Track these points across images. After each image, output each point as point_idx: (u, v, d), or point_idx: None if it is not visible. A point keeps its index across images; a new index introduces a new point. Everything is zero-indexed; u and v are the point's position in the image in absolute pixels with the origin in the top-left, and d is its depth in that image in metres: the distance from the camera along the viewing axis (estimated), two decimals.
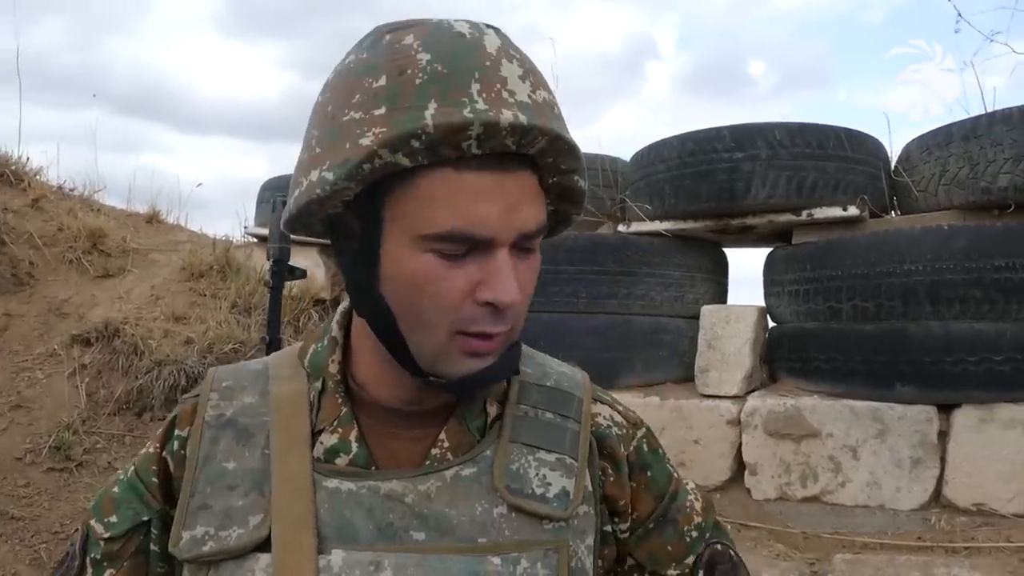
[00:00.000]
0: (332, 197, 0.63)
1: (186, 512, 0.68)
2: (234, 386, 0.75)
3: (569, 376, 0.79)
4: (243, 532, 0.66)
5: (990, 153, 2.84)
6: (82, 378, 3.75)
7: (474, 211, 0.61)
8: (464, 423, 0.72)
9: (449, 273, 0.62)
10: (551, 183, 0.67)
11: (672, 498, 0.79)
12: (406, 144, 0.59)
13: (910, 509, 2.88)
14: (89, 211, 4.80)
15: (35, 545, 3.10)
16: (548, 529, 0.69)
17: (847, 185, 3.19)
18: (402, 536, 0.67)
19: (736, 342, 3.29)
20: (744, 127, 3.24)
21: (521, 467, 0.70)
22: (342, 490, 0.68)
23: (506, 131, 0.60)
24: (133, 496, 0.73)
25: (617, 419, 0.79)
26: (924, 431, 2.87)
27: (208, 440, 0.71)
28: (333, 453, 0.70)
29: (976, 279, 2.75)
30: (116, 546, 0.73)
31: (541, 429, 0.73)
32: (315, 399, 0.72)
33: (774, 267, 3.43)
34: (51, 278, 4.27)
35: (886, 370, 2.89)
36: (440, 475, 0.69)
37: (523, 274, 0.65)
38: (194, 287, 4.34)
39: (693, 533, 0.79)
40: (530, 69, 0.64)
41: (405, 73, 0.61)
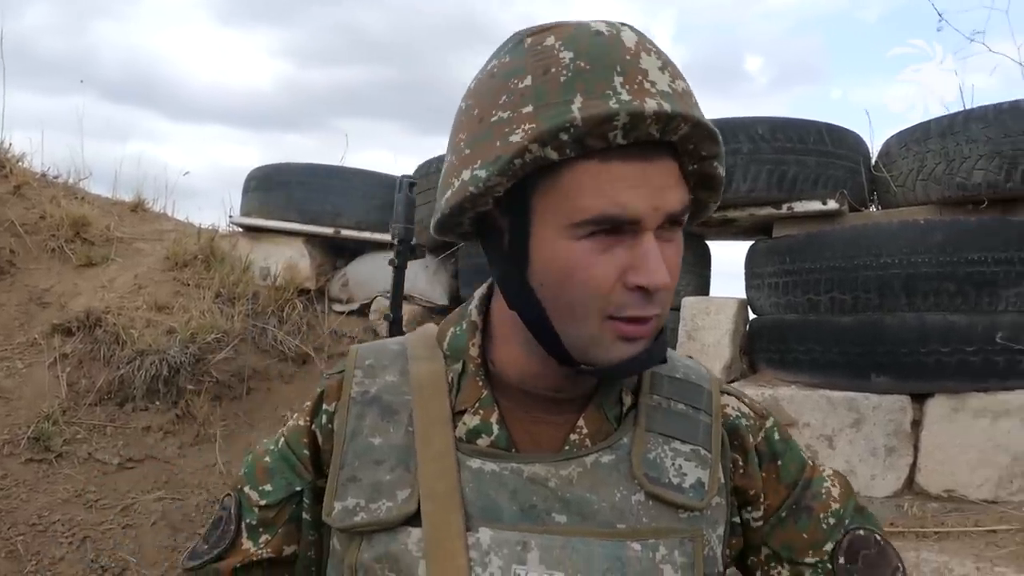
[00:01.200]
0: (485, 194, 0.66)
1: (337, 483, 0.72)
2: (376, 364, 0.78)
3: (695, 369, 0.81)
4: (392, 505, 0.69)
5: (966, 150, 2.90)
6: (63, 368, 3.74)
7: (621, 196, 0.63)
8: (602, 411, 0.74)
9: (599, 259, 0.64)
10: (692, 170, 0.68)
11: (806, 485, 0.79)
12: (555, 138, 0.62)
13: (884, 496, 2.95)
14: (73, 199, 4.78)
15: (12, 538, 3.08)
16: (684, 518, 0.70)
17: (827, 179, 3.25)
18: (544, 518, 0.68)
19: (716, 333, 3.34)
20: (727, 121, 3.29)
21: (658, 456, 0.72)
22: (485, 470, 0.70)
23: (651, 119, 0.62)
24: (286, 467, 0.77)
25: (745, 410, 0.80)
26: (898, 420, 2.93)
27: (355, 415, 0.74)
28: (475, 434, 0.72)
29: (950, 272, 2.81)
30: (271, 513, 0.76)
31: (675, 420, 0.75)
32: (454, 381, 0.75)
33: (755, 260, 3.48)
34: (32, 266, 4.24)
35: (862, 361, 2.95)
36: (580, 461, 0.71)
37: (671, 257, 0.67)
38: (178, 276, 4.33)
39: (830, 520, 0.78)
40: (667, 61, 0.67)
41: (549, 72, 0.63)
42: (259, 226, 4.62)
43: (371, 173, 4.61)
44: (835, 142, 3.27)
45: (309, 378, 4.06)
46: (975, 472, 2.83)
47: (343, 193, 4.49)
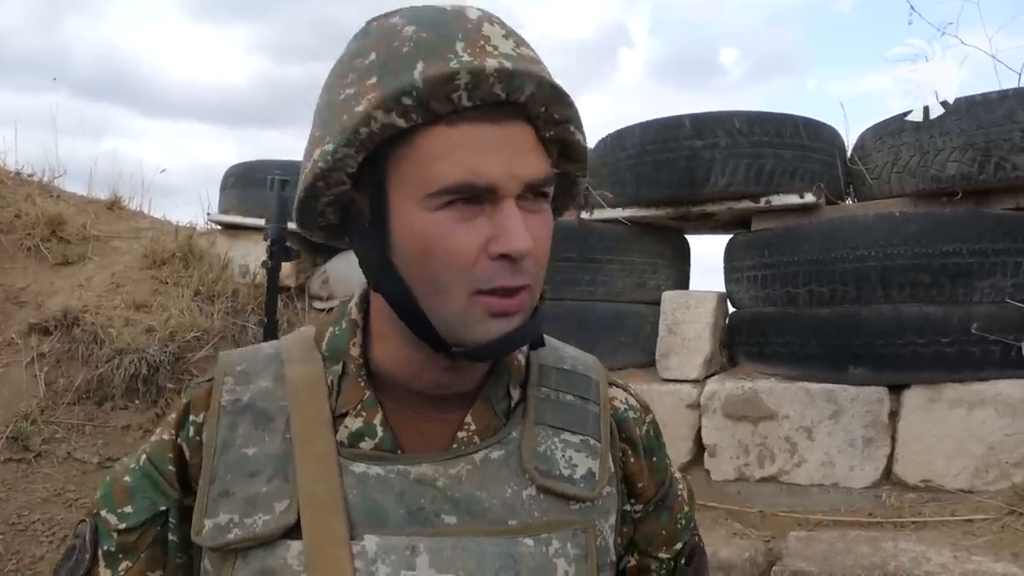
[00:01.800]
0: (335, 168, 0.64)
1: (207, 500, 0.67)
2: (249, 370, 0.73)
3: (582, 359, 0.80)
4: (270, 518, 0.65)
5: (939, 142, 2.93)
6: (41, 367, 3.71)
7: (475, 162, 0.61)
8: (489, 406, 0.72)
9: (459, 229, 0.62)
10: (549, 136, 0.67)
11: (670, 484, 0.82)
12: (398, 103, 0.61)
13: (862, 487, 2.98)
14: (48, 197, 4.73)
15: None
16: (575, 510, 0.70)
17: (804, 173, 3.27)
18: (433, 520, 0.66)
19: (696, 327, 3.36)
20: (704, 115, 3.30)
21: (548, 449, 0.71)
22: (370, 474, 0.67)
23: (493, 77, 0.61)
24: (149, 485, 0.71)
25: (632, 402, 0.80)
26: (876, 411, 2.96)
27: (226, 426, 0.70)
28: (358, 437, 0.69)
29: (925, 264, 2.84)
30: (132, 537, 0.70)
31: (564, 411, 0.74)
32: (334, 383, 0.71)
33: (734, 253, 3.50)
34: (8, 266, 4.20)
35: (840, 353, 2.97)
36: (469, 458, 0.69)
37: (537, 228, 0.65)
38: (156, 275, 4.30)
39: (683, 521, 0.82)
40: (512, 32, 0.66)
41: (392, 45, 0.63)
42: (238, 223, 4.59)
43: None
44: (811, 135, 3.29)
45: None
46: (952, 462, 2.86)
47: None
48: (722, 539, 2.77)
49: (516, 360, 0.76)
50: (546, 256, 0.67)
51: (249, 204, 4.55)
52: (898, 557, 2.46)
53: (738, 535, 2.84)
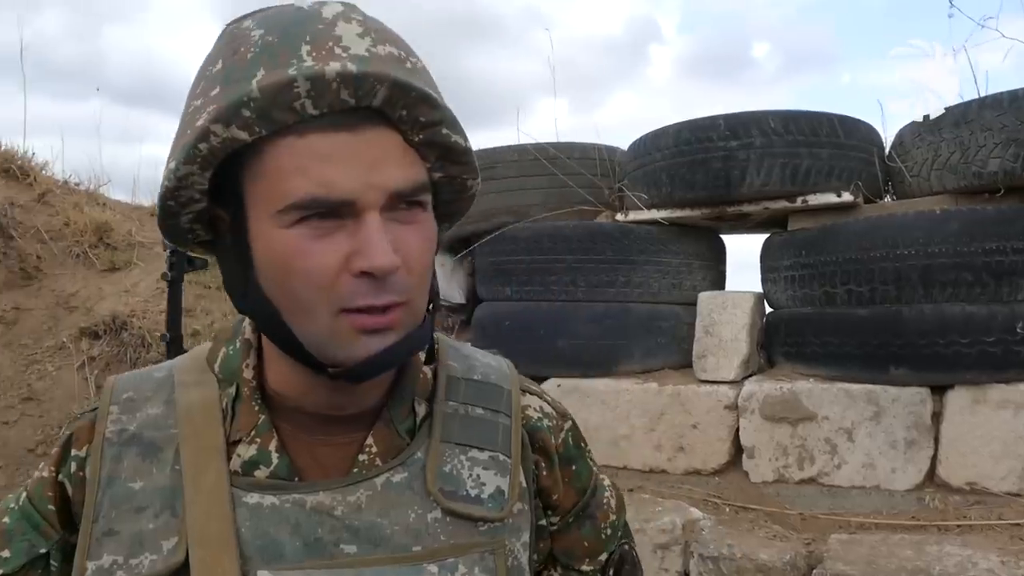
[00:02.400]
0: (181, 187, 0.61)
1: (90, 539, 0.63)
2: (136, 397, 0.69)
3: (496, 368, 0.76)
4: (156, 558, 0.62)
5: (980, 138, 2.87)
6: (91, 370, 3.83)
7: (327, 174, 0.57)
8: (392, 426, 0.68)
9: (316, 247, 0.59)
10: (419, 140, 0.62)
11: (592, 492, 0.78)
12: (237, 115, 0.57)
13: (905, 489, 2.93)
14: (95, 205, 4.87)
15: None
16: (484, 530, 0.67)
17: (841, 171, 3.23)
18: (332, 550, 0.63)
19: (733, 328, 3.34)
20: (739, 115, 3.28)
21: (454, 468, 0.68)
22: (264, 505, 0.64)
23: (336, 82, 0.56)
24: (27, 526, 0.67)
25: (547, 410, 0.77)
26: (918, 412, 2.91)
27: (110, 459, 0.65)
28: (252, 465, 0.65)
29: (967, 262, 2.79)
30: None
31: (472, 426, 0.70)
32: (228, 407, 0.67)
33: (770, 253, 3.47)
34: (58, 272, 4.34)
35: (880, 353, 2.93)
36: (370, 483, 0.65)
37: (410, 240, 0.61)
38: (200, 279, 4.40)
39: (608, 531, 0.78)
40: (374, 28, 0.61)
41: (239, 51, 0.60)
42: None
43: None
44: (848, 133, 3.25)
45: None
46: (998, 464, 2.80)
47: None
48: (761, 541, 2.75)
49: (422, 373, 0.72)
50: (424, 267, 0.63)
51: None
52: (943, 561, 2.42)
53: (778, 537, 2.82)
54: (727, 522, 2.86)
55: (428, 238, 0.63)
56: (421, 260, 0.62)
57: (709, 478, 3.24)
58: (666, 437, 3.30)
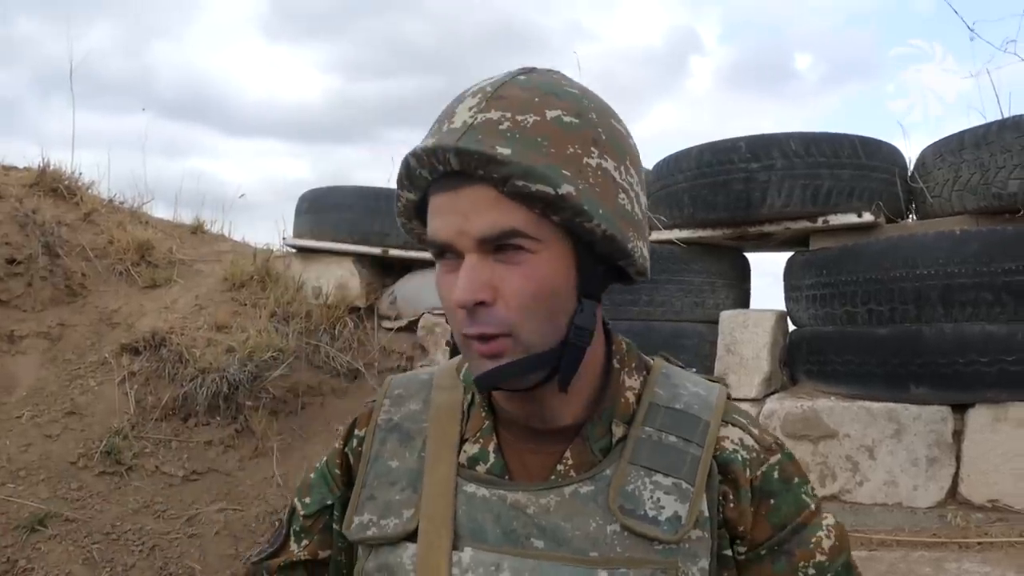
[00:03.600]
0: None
1: (358, 500, 0.81)
2: (404, 394, 0.87)
3: (702, 398, 0.80)
4: (398, 523, 0.78)
5: (1000, 159, 2.91)
6: (131, 385, 3.96)
7: (436, 224, 0.71)
8: (588, 443, 0.77)
9: (445, 280, 0.73)
10: (507, 191, 0.69)
11: (796, 530, 0.77)
12: (400, 183, 0.75)
13: (927, 507, 2.95)
14: (137, 223, 5.04)
15: (88, 546, 3.29)
16: (658, 550, 0.72)
17: (862, 191, 3.27)
18: (523, 542, 0.74)
19: (754, 346, 3.39)
20: (760, 137, 3.34)
21: (637, 489, 0.74)
22: (478, 495, 0.76)
23: (424, 156, 0.70)
24: (323, 483, 0.88)
25: (748, 443, 0.79)
26: (939, 431, 2.94)
27: (379, 440, 0.83)
28: (475, 461, 0.79)
29: (987, 282, 2.81)
30: (310, 522, 0.87)
31: (662, 452, 0.76)
32: (466, 410, 0.82)
33: (792, 272, 3.51)
34: (102, 289, 4.50)
35: (901, 372, 2.97)
36: (560, 491, 0.75)
37: (510, 279, 0.70)
38: (235, 297, 4.54)
39: (810, 571, 0.76)
40: (494, 95, 0.71)
41: None
42: (311, 247, 4.81)
43: None
44: (870, 154, 3.30)
45: (360, 393, 4.21)
46: (1019, 482, 2.82)
47: (390, 214, 4.61)
48: None
49: (624, 397, 0.79)
50: (527, 303, 0.69)
51: (322, 228, 4.77)
52: None
53: None
54: None
55: (531, 278, 0.70)
56: (519, 298, 0.69)
57: None
58: None
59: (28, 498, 3.37)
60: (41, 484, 3.46)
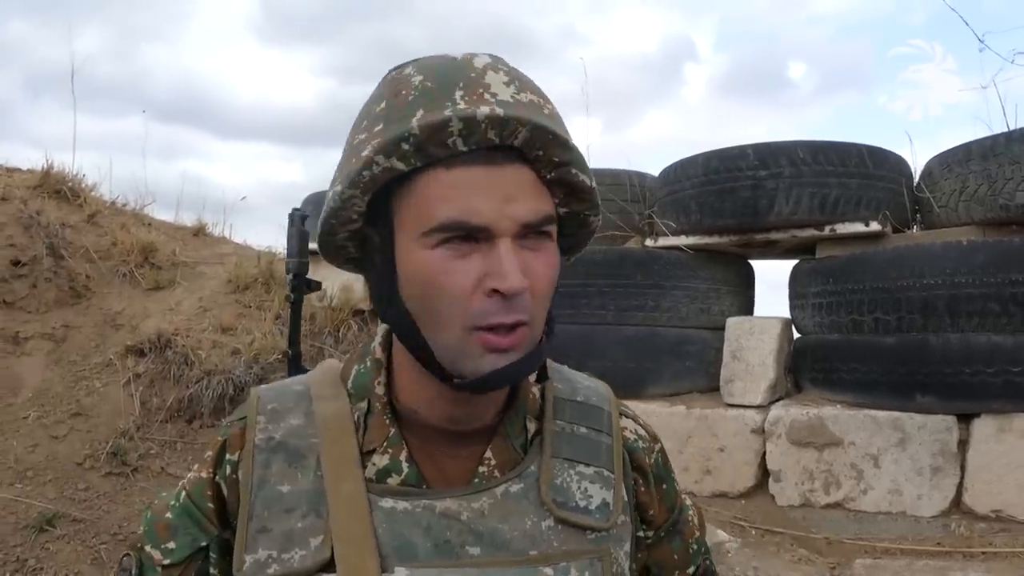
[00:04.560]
0: (343, 208, 0.69)
1: (247, 535, 0.70)
2: (280, 408, 0.76)
3: (595, 390, 0.83)
4: (306, 554, 0.69)
5: (1008, 171, 2.92)
6: (136, 387, 3.95)
7: (467, 202, 0.64)
8: (508, 441, 0.75)
9: (455, 266, 0.65)
10: (551, 178, 0.68)
11: (681, 510, 0.86)
12: (397, 148, 0.65)
13: (931, 516, 2.97)
14: (140, 225, 5.03)
15: (96, 546, 3.29)
16: (591, 539, 0.73)
17: (869, 201, 3.29)
18: (459, 552, 0.70)
19: (760, 353, 3.40)
20: (768, 145, 3.36)
21: (564, 481, 0.74)
22: (398, 509, 0.70)
23: (484, 123, 0.64)
24: (190, 522, 0.74)
25: (641, 432, 0.84)
26: (944, 440, 2.95)
27: (260, 463, 0.73)
28: (385, 473, 0.72)
29: (994, 293, 2.83)
30: (176, 572, 0.74)
31: (578, 444, 0.77)
32: (360, 420, 0.74)
33: (798, 280, 3.53)
34: (106, 291, 4.48)
35: (907, 381, 2.98)
36: (491, 492, 0.72)
37: (536, 267, 0.67)
38: (240, 299, 4.53)
39: (694, 546, 0.86)
40: (518, 78, 0.69)
41: (400, 94, 0.68)
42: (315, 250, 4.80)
43: None
44: (877, 164, 3.32)
45: None
46: (1023, 493, 2.84)
47: None
48: (787, 565, 2.80)
49: (531, 394, 0.78)
50: (547, 292, 0.69)
51: None
52: None
53: (803, 561, 2.87)
54: (753, 545, 2.91)
55: (552, 265, 0.69)
56: (545, 284, 0.68)
57: (735, 501, 3.30)
58: (693, 460, 3.37)
59: (36, 498, 3.36)
60: (48, 484, 3.46)
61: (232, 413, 0.80)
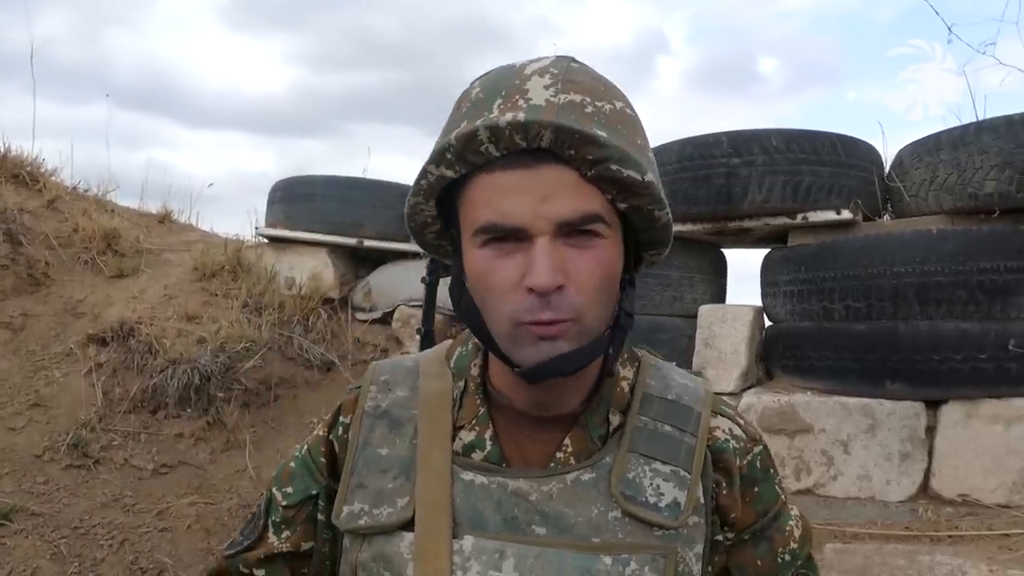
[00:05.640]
0: (415, 213, 0.77)
1: (347, 489, 0.79)
2: (391, 380, 0.84)
3: (692, 389, 0.83)
4: (392, 511, 0.76)
5: (977, 160, 2.96)
6: (98, 377, 3.86)
7: (503, 204, 0.68)
8: (587, 431, 0.78)
9: (497, 265, 0.69)
10: (591, 175, 0.69)
11: (774, 517, 0.83)
12: (443, 157, 0.70)
13: (899, 501, 3.01)
14: (103, 212, 4.91)
15: (55, 540, 3.20)
16: (658, 535, 0.74)
17: (841, 189, 3.31)
18: (525, 529, 0.73)
19: (732, 341, 3.41)
20: (742, 133, 3.36)
21: (637, 476, 0.75)
22: (476, 483, 0.75)
23: (508, 129, 0.66)
24: (305, 472, 0.85)
25: (736, 432, 0.83)
26: (913, 426, 2.99)
27: (366, 427, 0.81)
28: (470, 448, 0.78)
29: (963, 281, 2.86)
30: (291, 512, 0.84)
31: (659, 441, 0.77)
32: (458, 398, 0.80)
33: (770, 268, 3.54)
34: (67, 278, 4.37)
35: (877, 368, 3.01)
36: (561, 477, 0.75)
37: (580, 264, 0.69)
38: (206, 287, 4.45)
39: (786, 556, 0.83)
40: (567, 79, 0.70)
41: (460, 107, 0.73)
42: (284, 237, 4.74)
43: (392, 184, 4.72)
44: (848, 152, 3.33)
45: (334, 385, 4.16)
46: (989, 477, 2.88)
47: (365, 204, 4.61)
48: None
49: (620, 388, 0.81)
50: (593, 288, 0.70)
51: (295, 218, 4.69)
52: (934, 570, 2.49)
53: None
54: None
55: (601, 262, 0.71)
56: (591, 282, 0.70)
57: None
58: None
59: None
60: (5, 478, 3.36)
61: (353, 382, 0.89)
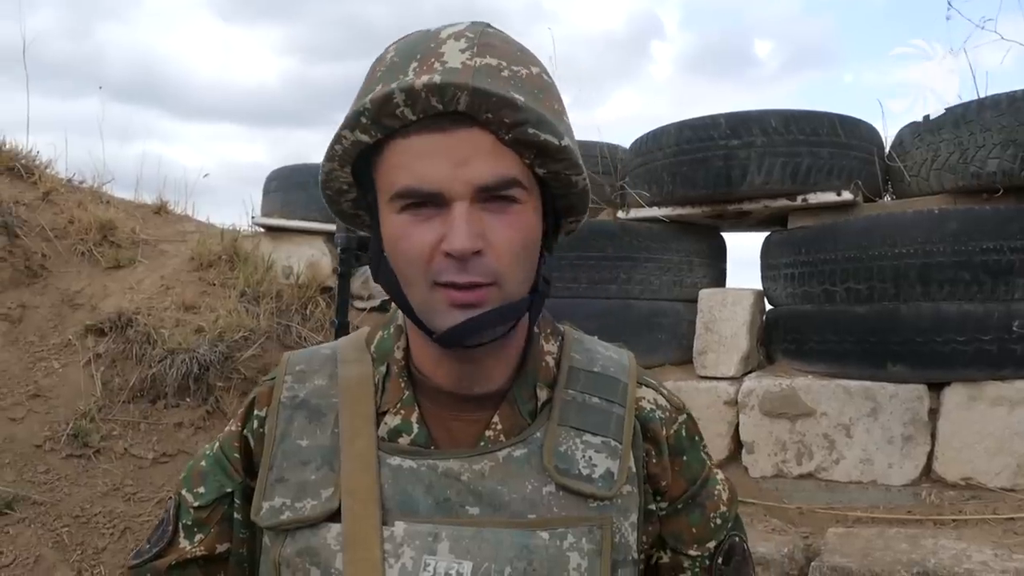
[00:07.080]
0: (330, 180, 0.75)
1: (266, 484, 0.76)
2: (307, 369, 0.82)
3: (616, 360, 0.84)
4: (316, 503, 0.73)
5: (979, 139, 2.91)
6: (97, 367, 3.85)
7: (420, 169, 0.67)
8: (516, 407, 0.77)
9: (415, 229, 0.68)
10: (509, 139, 0.68)
11: (703, 484, 0.84)
12: (357, 121, 0.68)
13: (902, 484, 2.98)
14: (99, 203, 4.88)
15: (57, 529, 3.21)
16: (593, 507, 0.74)
17: (841, 170, 3.26)
18: (458, 510, 0.72)
19: (733, 325, 3.38)
20: (740, 115, 3.31)
21: (569, 449, 0.75)
22: (404, 467, 0.74)
23: (424, 91, 0.65)
24: (218, 469, 0.82)
25: (661, 403, 0.83)
26: (915, 409, 2.96)
27: (284, 419, 0.79)
28: (396, 433, 0.76)
29: (965, 261, 2.83)
30: (204, 514, 0.81)
31: (588, 413, 0.78)
32: (380, 382, 0.79)
33: (770, 251, 3.51)
34: (64, 270, 4.35)
35: (878, 350, 2.98)
36: (493, 455, 0.74)
37: (498, 229, 0.68)
38: (203, 277, 4.43)
39: (717, 520, 0.84)
40: (483, 43, 0.69)
41: (374, 71, 0.71)
42: (281, 226, 4.72)
43: None
44: (848, 133, 3.29)
45: None
46: (993, 460, 2.85)
47: None
48: (760, 535, 2.80)
49: (545, 362, 0.80)
50: (513, 254, 0.69)
51: (291, 207, 4.67)
52: (938, 554, 2.46)
53: (776, 531, 2.86)
54: None
55: (520, 228, 0.70)
56: (510, 247, 0.69)
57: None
58: None
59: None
60: (7, 467, 3.36)
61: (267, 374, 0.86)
